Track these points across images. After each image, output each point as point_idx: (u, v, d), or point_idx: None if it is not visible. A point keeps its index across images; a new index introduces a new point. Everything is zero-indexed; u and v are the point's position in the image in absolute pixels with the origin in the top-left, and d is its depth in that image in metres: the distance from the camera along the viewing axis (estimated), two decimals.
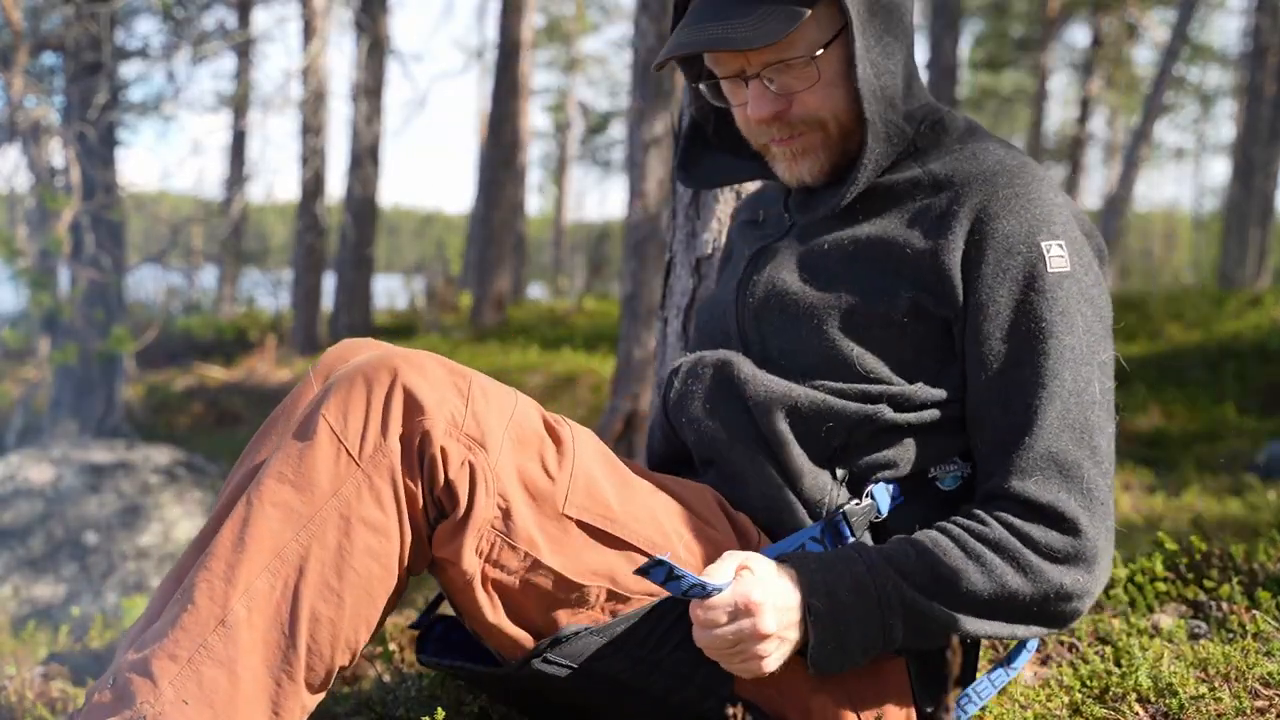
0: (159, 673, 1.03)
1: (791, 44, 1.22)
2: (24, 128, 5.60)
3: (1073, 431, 1.16)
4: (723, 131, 1.42)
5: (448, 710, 1.52)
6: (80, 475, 4.44)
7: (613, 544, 1.14)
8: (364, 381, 1.09)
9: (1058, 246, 1.19)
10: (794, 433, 1.23)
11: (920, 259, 1.22)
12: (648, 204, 4.97)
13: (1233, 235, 12.77)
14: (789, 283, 1.29)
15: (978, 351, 1.20)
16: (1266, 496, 4.01)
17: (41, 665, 2.33)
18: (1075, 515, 1.14)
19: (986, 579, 1.13)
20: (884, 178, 1.28)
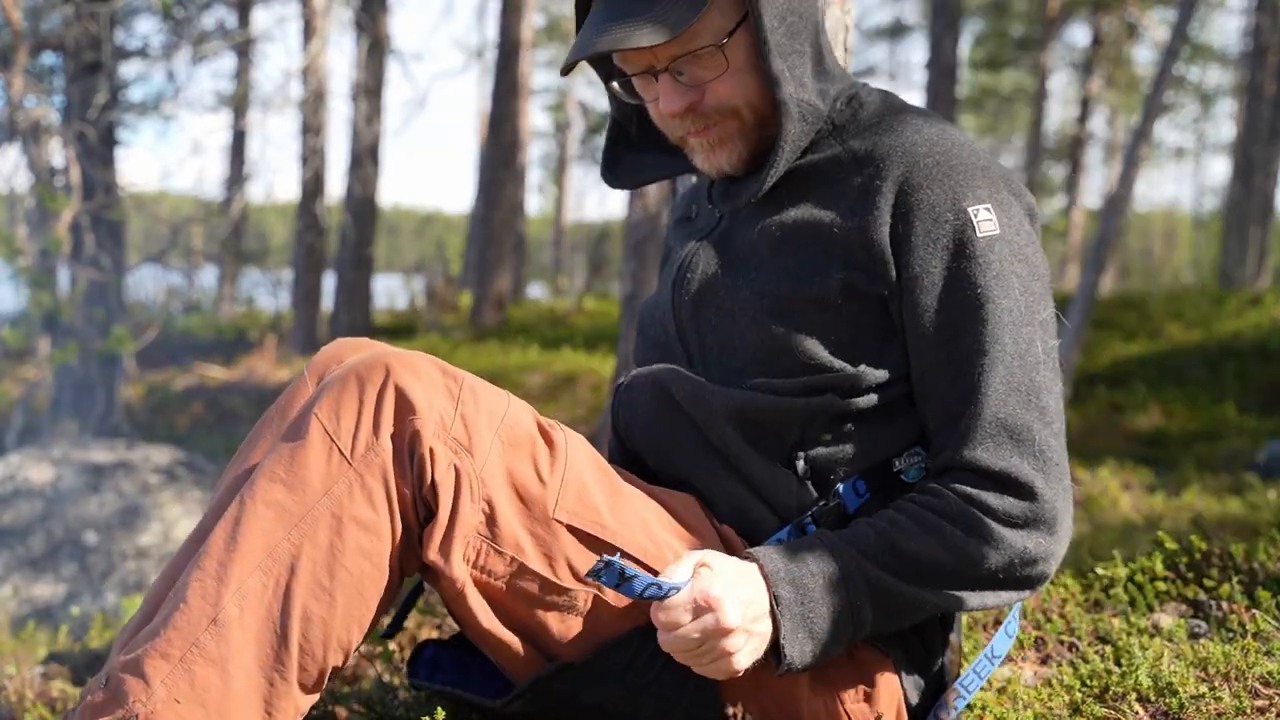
0: (151, 672, 1.03)
1: (696, 34, 1.20)
2: (24, 127, 5.60)
3: (1019, 394, 1.14)
4: (645, 129, 1.40)
5: (448, 711, 1.51)
6: (80, 475, 4.44)
7: (602, 550, 1.14)
8: (357, 381, 1.09)
9: (984, 210, 1.17)
10: (746, 440, 1.22)
11: (848, 237, 1.20)
12: (648, 204, 4.97)
13: (1233, 234, 12.78)
14: (720, 278, 1.28)
15: (916, 325, 1.18)
16: (1266, 496, 4.01)
17: (41, 665, 2.33)
18: (1030, 479, 1.13)
19: (947, 551, 1.12)
20: (804, 159, 1.27)
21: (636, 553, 1.15)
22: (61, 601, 3.94)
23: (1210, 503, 4.05)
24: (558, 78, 24.16)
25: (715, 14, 1.20)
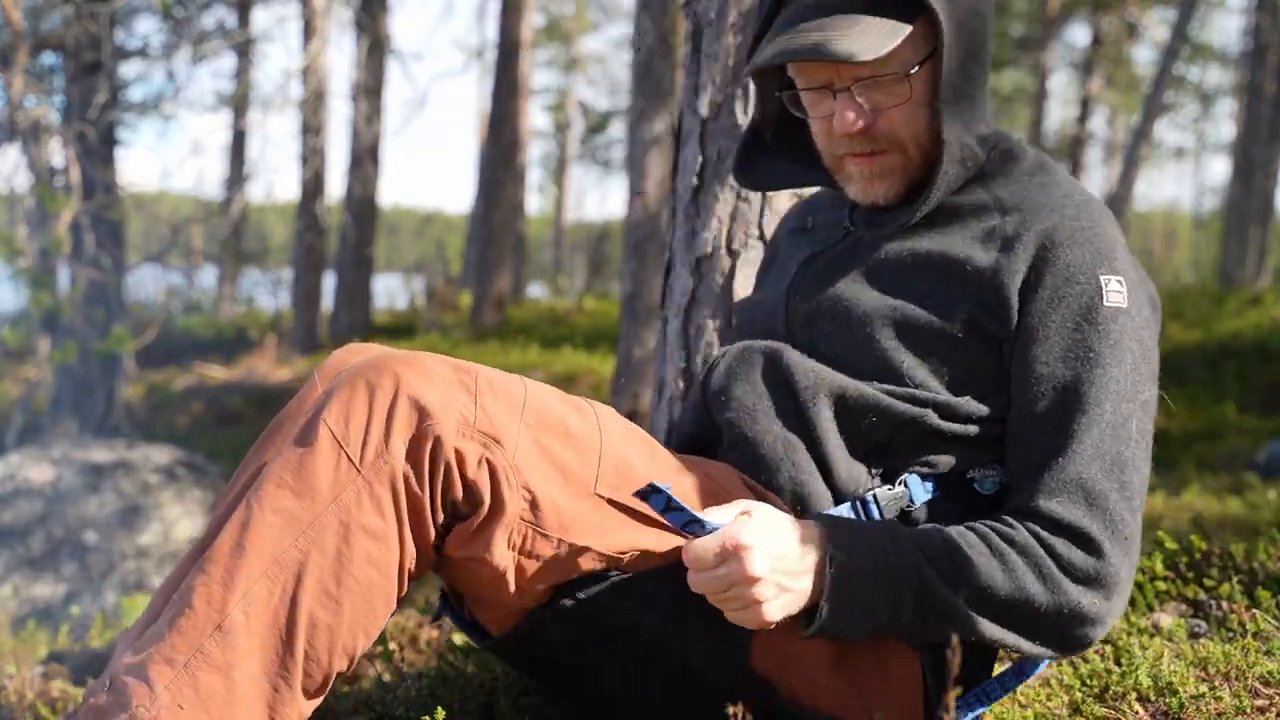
0: (155, 677, 1.02)
1: (888, 60, 1.23)
2: (24, 127, 5.60)
3: (1104, 462, 1.17)
4: (781, 137, 1.43)
5: (448, 710, 1.52)
6: (80, 475, 4.44)
7: (645, 521, 1.15)
8: (366, 387, 1.09)
9: (1116, 282, 1.21)
10: (837, 422, 1.24)
11: (980, 276, 1.23)
12: (648, 203, 4.97)
13: (1233, 234, 12.78)
14: (843, 289, 1.30)
15: (1024, 373, 1.21)
16: (1266, 496, 4.01)
17: (41, 665, 2.33)
18: (1098, 538, 1.15)
19: (1006, 578, 1.13)
20: (951, 198, 1.30)
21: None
22: (61, 601, 3.94)
23: (1210, 502, 4.05)
24: (558, 78, 24.17)
25: (908, 44, 1.23)
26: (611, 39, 29.12)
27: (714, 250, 1.80)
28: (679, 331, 1.84)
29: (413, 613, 2.29)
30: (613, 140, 24.53)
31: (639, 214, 4.97)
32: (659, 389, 1.91)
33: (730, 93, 1.79)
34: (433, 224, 43.76)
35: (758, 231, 1.78)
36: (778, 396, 1.27)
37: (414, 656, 2.04)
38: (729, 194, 1.79)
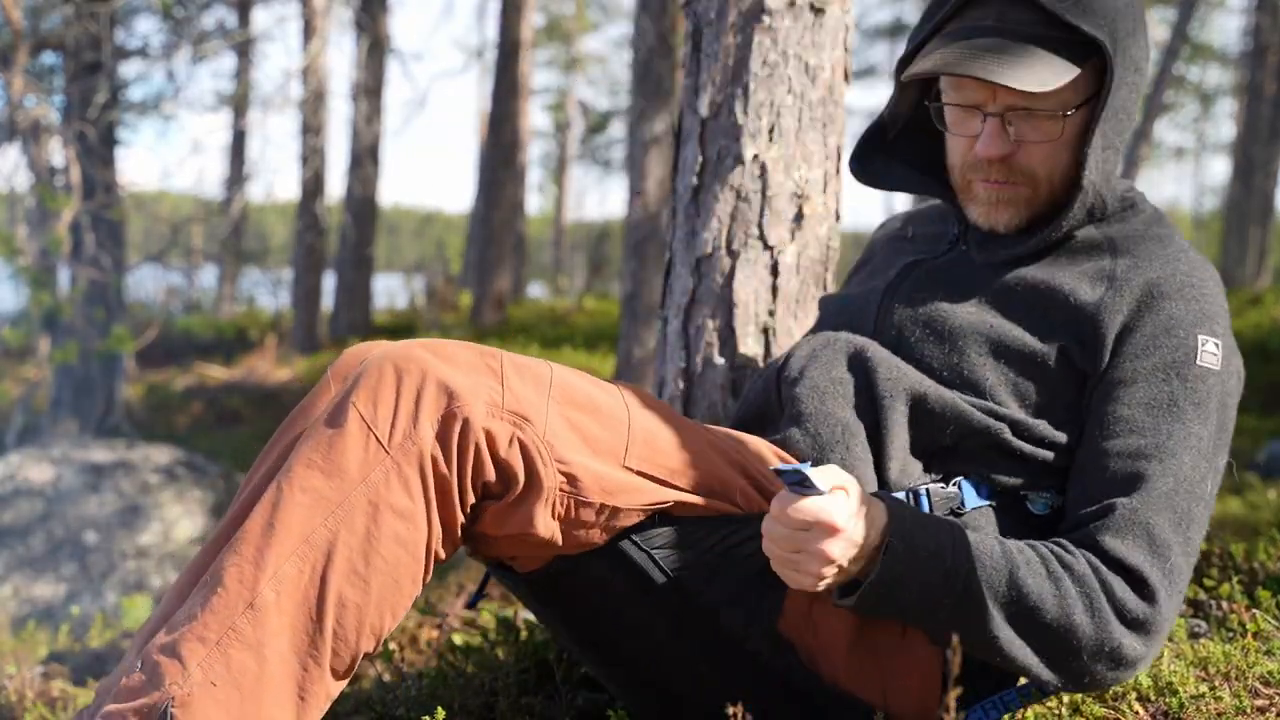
0: (188, 655, 1.04)
1: (1050, 96, 1.24)
2: (24, 127, 5.60)
3: (1174, 514, 1.17)
4: (903, 140, 1.45)
5: (448, 710, 1.52)
6: (80, 474, 4.43)
7: (675, 490, 1.17)
8: (394, 371, 1.10)
9: (1213, 344, 1.23)
10: (910, 420, 1.26)
11: (1080, 311, 1.25)
12: (648, 203, 4.97)
13: (1233, 234, 12.77)
14: (942, 301, 1.32)
15: (1105, 411, 1.22)
16: (1266, 495, 4.01)
17: (41, 665, 2.34)
18: (1156, 585, 1.15)
19: (1056, 603, 1.13)
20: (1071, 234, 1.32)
21: (704, 492, 1.18)
22: (61, 601, 3.93)
23: None
24: (558, 78, 24.16)
25: (1070, 85, 1.24)
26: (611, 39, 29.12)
27: (714, 250, 1.80)
28: (679, 331, 1.84)
29: (413, 613, 2.29)
30: (613, 140, 24.54)
31: (639, 214, 4.97)
32: (659, 389, 1.91)
33: (730, 93, 1.80)
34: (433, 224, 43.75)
35: (758, 232, 1.78)
36: (855, 385, 1.29)
37: (414, 656, 2.04)
38: (729, 194, 1.79)
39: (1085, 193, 1.27)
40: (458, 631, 2.09)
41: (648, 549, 1.17)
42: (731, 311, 1.78)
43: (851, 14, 1.85)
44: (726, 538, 1.19)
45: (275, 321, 11.93)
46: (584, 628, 1.28)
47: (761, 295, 1.78)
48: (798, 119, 1.79)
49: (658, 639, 1.22)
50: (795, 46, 1.78)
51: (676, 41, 5.05)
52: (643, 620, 1.21)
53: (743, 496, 1.21)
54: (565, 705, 1.55)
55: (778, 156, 1.78)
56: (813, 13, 1.78)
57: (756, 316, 1.78)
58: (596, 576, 1.19)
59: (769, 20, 1.77)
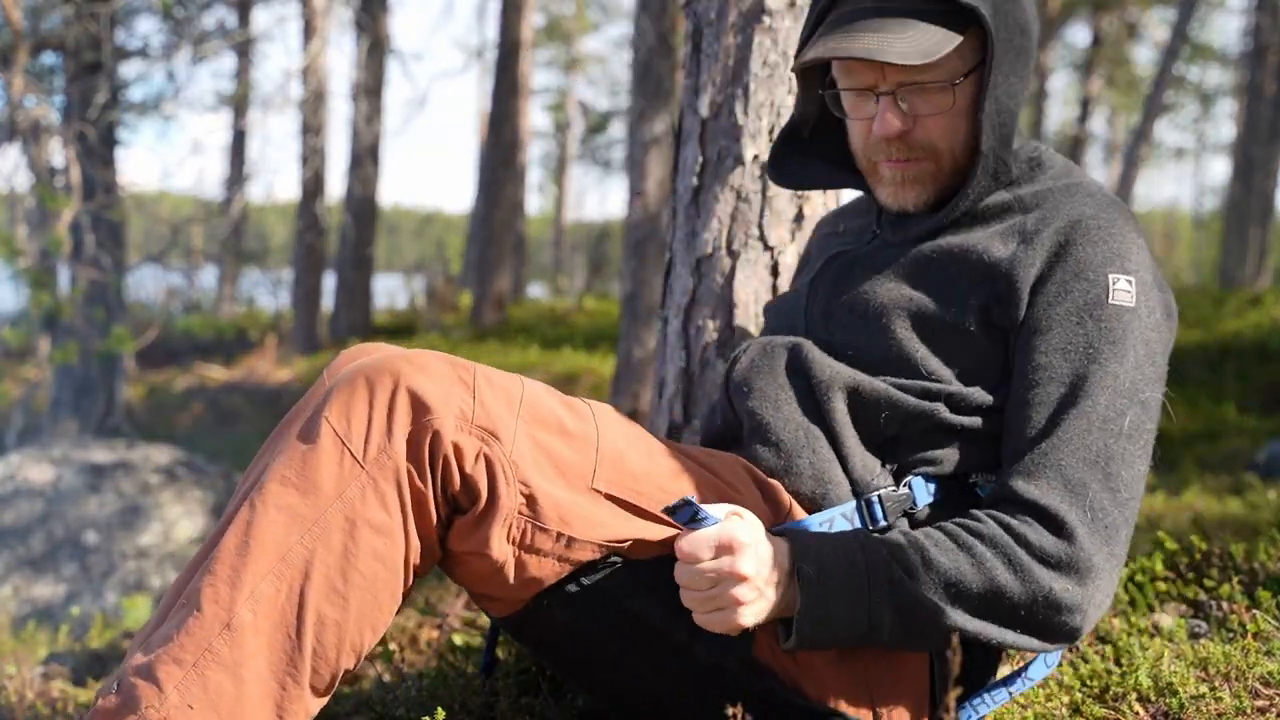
0: (164, 677, 1.02)
1: (936, 67, 1.25)
2: (24, 127, 5.60)
3: (1088, 453, 1.17)
4: (819, 138, 1.45)
5: (448, 710, 1.52)
6: (80, 475, 4.43)
7: (642, 516, 1.15)
8: (366, 384, 1.09)
9: (1125, 281, 1.22)
10: (851, 415, 1.26)
11: (994, 269, 1.25)
12: (648, 203, 4.97)
13: (1233, 234, 12.78)
14: (862, 284, 1.33)
15: (1023, 364, 1.22)
16: (1266, 496, 4.01)
17: (41, 665, 2.34)
18: (1071, 522, 1.14)
19: (976, 571, 1.13)
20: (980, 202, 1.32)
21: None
22: (62, 602, 3.93)
23: (1210, 503, 4.05)
24: (558, 77, 24.16)
25: (956, 54, 1.25)
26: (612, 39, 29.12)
27: (714, 251, 1.80)
28: (679, 331, 1.84)
29: (413, 613, 2.29)
30: (613, 140, 24.53)
31: (639, 214, 4.97)
32: (659, 389, 1.91)
33: (730, 93, 1.80)
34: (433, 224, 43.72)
35: (758, 232, 1.78)
36: (798, 388, 1.29)
37: (414, 656, 2.04)
38: (729, 194, 1.79)
39: (986, 158, 1.27)
40: (458, 631, 2.09)
41: (616, 593, 1.16)
42: (732, 312, 1.78)
43: None
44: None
45: (275, 322, 11.93)
46: (563, 665, 1.27)
47: (762, 295, 1.78)
48: None
49: (637, 673, 1.22)
50: (795, 47, 1.78)
51: (677, 42, 5.05)
52: (619, 658, 1.21)
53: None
54: (565, 705, 1.55)
55: None
56: None
57: (757, 317, 1.78)
58: (567, 623, 1.18)
59: (769, 20, 1.77)
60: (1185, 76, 19.71)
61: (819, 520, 1.22)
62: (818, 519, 1.22)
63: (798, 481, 1.26)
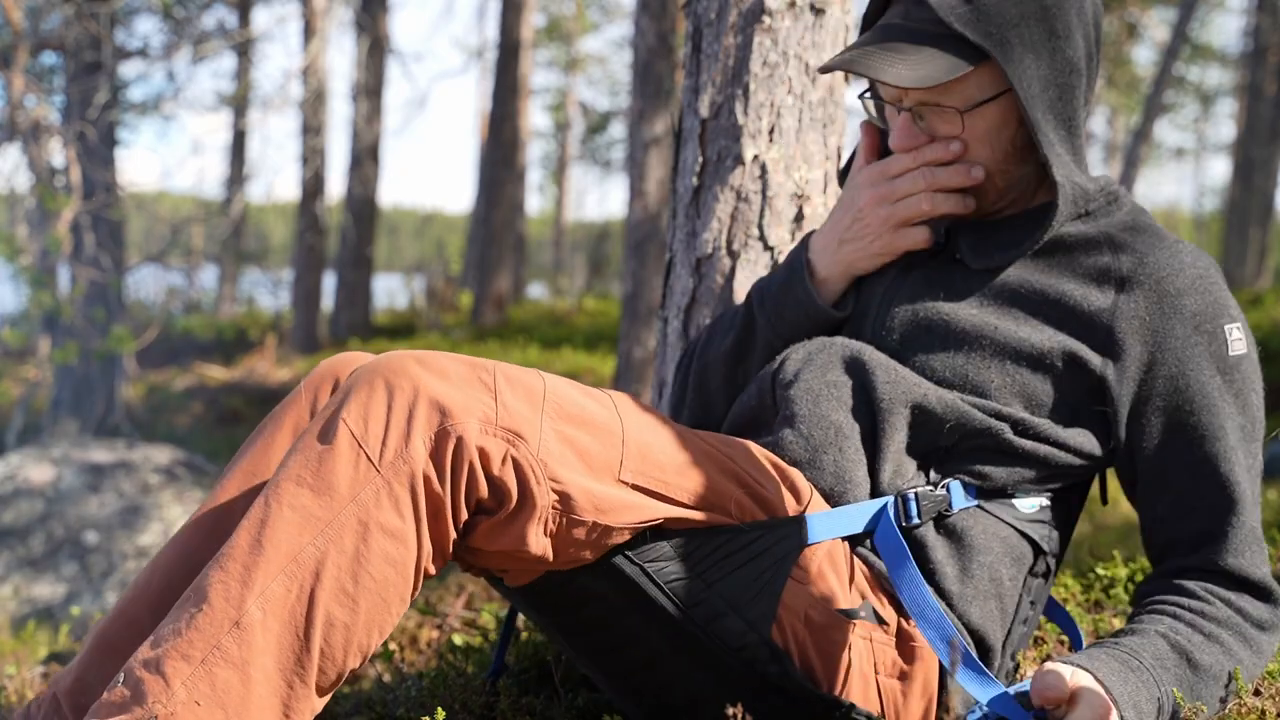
0: (171, 673, 1.03)
1: (947, 91, 1.29)
2: (24, 127, 5.60)
3: (1258, 507, 1.27)
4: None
5: (448, 710, 1.52)
6: (80, 475, 4.44)
7: (672, 502, 1.17)
8: (385, 387, 1.09)
9: (1237, 330, 1.28)
10: (911, 422, 1.28)
11: (1094, 319, 1.28)
12: (648, 204, 4.97)
13: (1233, 234, 12.78)
14: (940, 303, 1.34)
15: (1163, 424, 1.27)
16: (1266, 496, 4.01)
17: (41, 665, 2.34)
18: (1273, 586, 1.26)
19: (1227, 659, 1.22)
20: (1061, 230, 1.34)
21: (698, 503, 1.18)
22: (62, 601, 3.93)
23: None
24: (558, 78, 24.16)
25: (971, 82, 1.29)
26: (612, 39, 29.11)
27: (714, 251, 1.80)
28: (679, 332, 1.84)
29: (413, 613, 2.29)
30: (613, 140, 24.53)
31: (639, 214, 4.97)
32: (659, 389, 1.91)
33: (730, 93, 1.80)
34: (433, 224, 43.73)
35: (758, 232, 1.78)
36: (851, 389, 1.30)
37: (414, 656, 2.04)
38: (729, 195, 1.79)
39: (1063, 187, 1.29)
40: (458, 632, 2.09)
41: (641, 563, 1.16)
42: None
43: (852, 14, 1.85)
44: (720, 547, 1.18)
45: (275, 322, 11.93)
46: (578, 637, 1.27)
47: None
48: (798, 119, 1.79)
49: (652, 648, 1.22)
50: (795, 47, 1.78)
51: (677, 42, 5.05)
52: (637, 631, 1.21)
53: (737, 506, 1.21)
54: (565, 705, 1.55)
55: (778, 157, 1.78)
56: (813, 13, 1.78)
57: None
58: (589, 590, 1.18)
59: (769, 21, 1.77)
60: (1185, 76, 19.71)
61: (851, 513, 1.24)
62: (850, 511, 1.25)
63: (819, 476, 1.27)
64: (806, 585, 1.21)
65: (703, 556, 1.18)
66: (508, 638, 1.50)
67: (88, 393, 6.64)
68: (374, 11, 10.21)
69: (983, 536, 1.28)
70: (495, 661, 1.47)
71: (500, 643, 1.48)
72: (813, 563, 1.22)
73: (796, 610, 1.20)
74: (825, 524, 1.23)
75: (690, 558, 1.17)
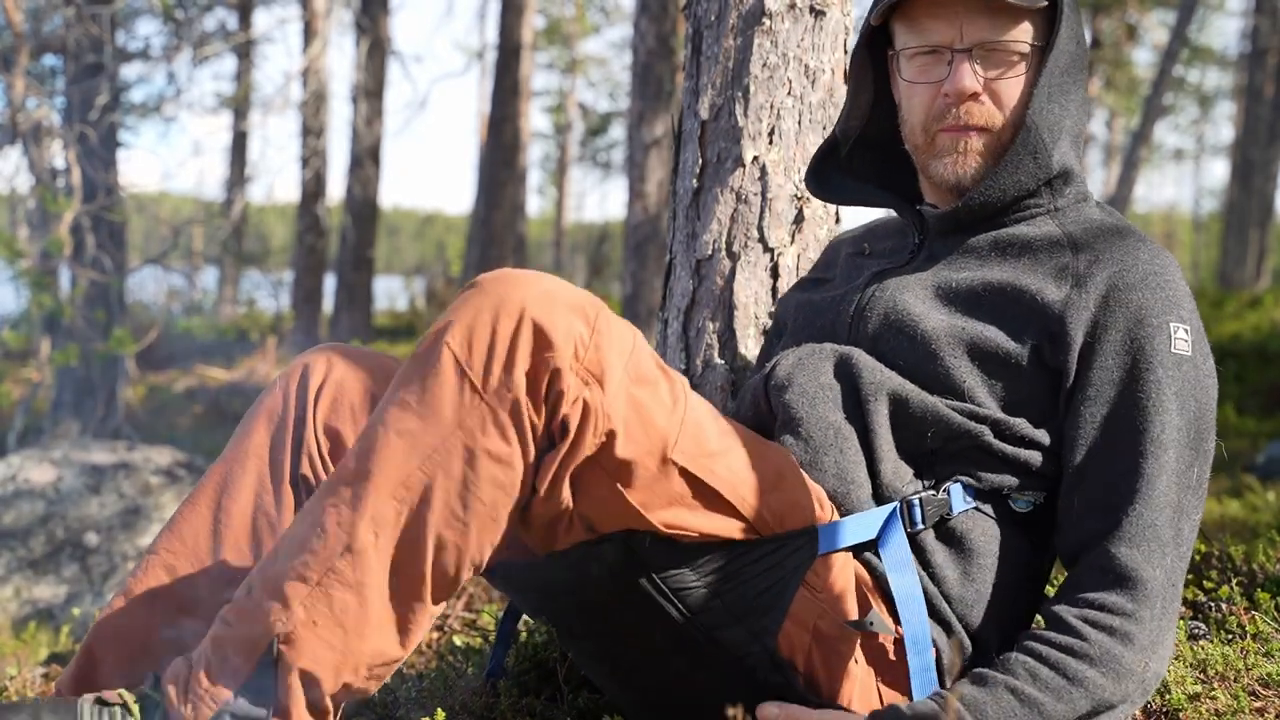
0: (291, 594, 1.06)
1: (1023, 29, 1.30)
2: (25, 129, 5.60)
3: (1171, 510, 1.20)
4: (856, 156, 1.50)
5: (448, 710, 1.52)
6: (81, 476, 4.44)
7: (707, 499, 1.15)
8: (491, 310, 1.08)
9: (1184, 330, 1.24)
10: (894, 423, 1.28)
11: (1047, 310, 1.27)
12: (648, 205, 4.98)
13: (1232, 236, 12.78)
14: (913, 307, 1.33)
15: (1088, 413, 1.24)
16: (1266, 497, 4.01)
17: (42, 665, 2.34)
18: (1155, 593, 1.18)
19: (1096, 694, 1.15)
20: (1021, 229, 1.34)
21: (736, 502, 1.17)
22: (62, 602, 3.94)
23: (1210, 504, 4.05)
24: (558, 79, 24.16)
25: (1041, 20, 1.31)
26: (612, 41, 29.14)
27: (714, 253, 1.80)
28: (679, 333, 1.84)
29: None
30: (613, 142, 24.53)
31: (639, 216, 4.98)
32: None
33: (730, 95, 1.80)
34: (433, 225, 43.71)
35: (758, 234, 1.79)
36: (842, 391, 1.30)
37: (414, 657, 2.04)
38: (729, 196, 1.80)
39: (1028, 131, 1.29)
40: (458, 632, 2.10)
41: (650, 570, 1.16)
42: (732, 314, 1.79)
43: (852, 16, 1.85)
44: (733, 560, 1.18)
45: (276, 323, 11.93)
46: (580, 629, 1.28)
47: (762, 297, 1.79)
48: (798, 121, 1.79)
49: (654, 648, 1.22)
50: (795, 49, 1.78)
51: (676, 44, 5.06)
52: (640, 629, 1.21)
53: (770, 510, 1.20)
54: (565, 706, 1.55)
55: (778, 159, 1.79)
56: (813, 15, 1.79)
57: (757, 319, 1.79)
58: (598, 586, 1.19)
59: (769, 23, 1.77)
60: (1184, 79, 19.71)
61: (859, 522, 1.24)
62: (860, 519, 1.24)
63: (821, 478, 1.28)
64: (815, 595, 1.22)
65: (715, 569, 1.18)
66: (506, 638, 1.50)
67: (88, 394, 6.64)
68: (374, 13, 10.22)
69: (982, 539, 1.29)
70: (492, 661, 1.47)
71: (498, 643, 1.49)
72: (822, 573, 1.22)
73: (804, 621, 1.20)
74: (836, 534, 1.23)
75: (702, 569, 1.17)
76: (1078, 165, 1.37)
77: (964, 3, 1.29)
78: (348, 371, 1.32)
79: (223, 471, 1.29)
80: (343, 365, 1.32)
